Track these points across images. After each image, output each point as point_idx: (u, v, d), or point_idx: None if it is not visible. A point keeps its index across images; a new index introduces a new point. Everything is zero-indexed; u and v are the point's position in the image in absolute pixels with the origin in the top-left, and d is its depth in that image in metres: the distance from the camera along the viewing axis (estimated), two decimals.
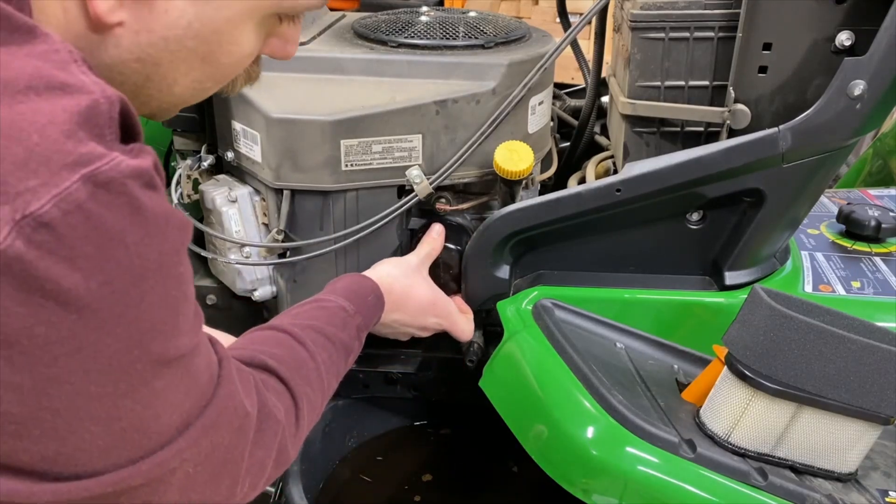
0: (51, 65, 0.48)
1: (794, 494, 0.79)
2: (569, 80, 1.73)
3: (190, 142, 1.22)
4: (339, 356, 0.86)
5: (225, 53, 0.61)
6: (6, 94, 0.45)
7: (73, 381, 0.47)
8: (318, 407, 0.80)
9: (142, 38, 0.57)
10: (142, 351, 0.49)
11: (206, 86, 0.63)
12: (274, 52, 0.67)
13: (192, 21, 0.57)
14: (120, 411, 0.50)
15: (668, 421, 0.85)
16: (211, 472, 0.59)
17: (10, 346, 0.44)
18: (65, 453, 0.48)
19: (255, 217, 1.12)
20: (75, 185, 0.44)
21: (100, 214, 0.45)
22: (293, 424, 0.74)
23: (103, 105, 0.48)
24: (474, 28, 1.15)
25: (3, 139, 0.44)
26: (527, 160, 1.03)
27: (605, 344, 1.01)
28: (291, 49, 0.68)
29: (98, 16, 0.54)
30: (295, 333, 0.81)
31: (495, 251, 1.05)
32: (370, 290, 0.96)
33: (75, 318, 0.46)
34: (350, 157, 1.03)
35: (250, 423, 0.63)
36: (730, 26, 1.01)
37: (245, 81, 0.70)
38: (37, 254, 0.43)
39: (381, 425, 1.33)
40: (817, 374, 0.78)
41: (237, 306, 1.23)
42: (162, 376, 0.52)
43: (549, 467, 0.88)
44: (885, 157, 1.88)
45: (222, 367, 0.61)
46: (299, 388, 0.76)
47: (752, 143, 0.94)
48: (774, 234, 1.05)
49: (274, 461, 0.69)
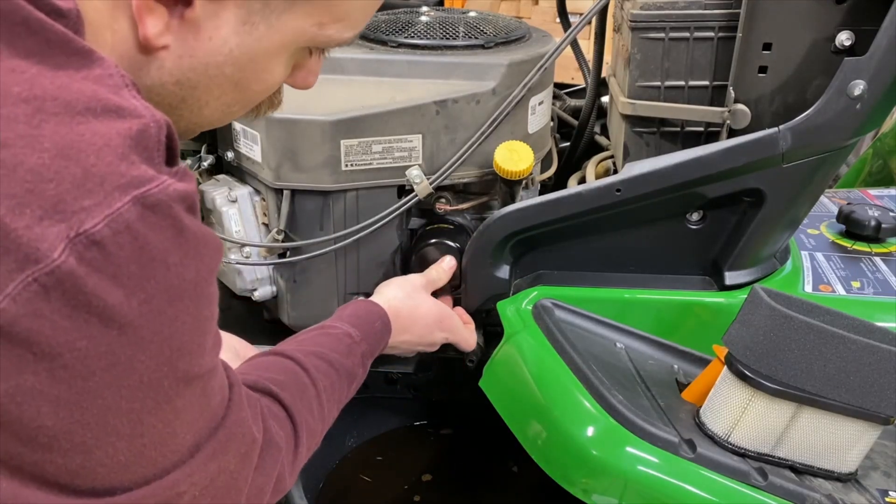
0: (106, 89, 0.49)
1: (794, 494, 0.79)
2: (569, 80, 1.73)
3: (190, 142, 1.22)
4: (342, 383, 0.86)
5: (257, 81, 0.63)
6: (67, 115, 0.47)
7: (105, 396, 0.48)
8: (317, 434, 0.81)
9: (184, 63, 0.59)
10: (170, 368, 0.50)
11: (234, 110, 0.65)
12: (296, 83, 0.69)
13: (233, 49, 0.59)
14: (144, 427, 0.51)
15: (668, 421, 0.85)
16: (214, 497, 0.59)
17: (52, 358, 0.45)
18: (88, 467, 0.49)
19: (255, 217, 1.12)
20: (126, 206, 0.46)
21: (146, 235, 0.47)
22: (292, 452, 0.74)
23: (153, 129, 0.49)
24: (474, 28, 1.15)
25: (63, 159, 0.45)
26: (527, 160, 1.03)
27: (605, 344, 1.01)
28: (313, 80, 0.70)
29: (147, 38, 0.56)
30: (298, 359, 0.82)
31: (495, 251, 1.05)
32: (377, 316, 0.97)
33: (116, 333, 0.47)
34: (350, 157, 1.03)
35: (256, 449, 0.64)
36: (730, 26, 1.01)
37: (268, 108, 0.72)
38: (86, 270, 0.45)
39: (381, 425, 1.33)
40: (817, 374, 0.78)
41: (237, 306, 1.23)
42: (183, 395, 0.53)
43: (549, 467, 0.88)
44: (885, 157, 1.88)
45: (233, 391, 0.61)
46: (300, 415, 0.76)
47: (752, 143, 0.94)
48: (774, 234, 1.05)
49: (273, 489, 0.70)
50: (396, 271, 1.13)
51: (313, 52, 0.67)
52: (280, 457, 0.70)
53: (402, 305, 1.00)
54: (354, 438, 1.31)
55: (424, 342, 1.05)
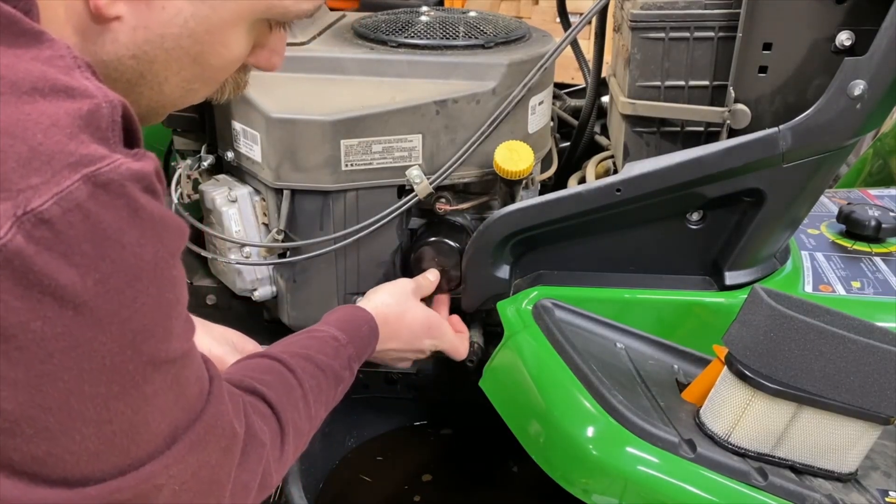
0: (56, 69, 0.49)
1: (794, 494, 0.79)
2: (569, 80, 1.73)
3: (190, 142, 1.22)
4: (329, 384, 0.86)
5: (215, 55, 0.62)
6: (12, 94, 0.46)
7: (66, 379, 0.47)
8: (304, 434, 0.80)
9: (139, 35, 0.58)
10: (134, 351, 0.50)
11: (194, 86, 0.64)
12: (259, 63, 0.69)
13: (188, 19, 0.59)
14: (111, 413, 0.50)
15: (668, 421, 0.85)
16: (196, 492, 0.58)
17: (7, 340, 0.45)
18: (55, 454, 0.48)
19: (255, 217, 1.12)
20: (76, 184, 0.45)
21: (98, 214, 0.46)
22: (278, 449, 0.74)
23: (105, 109, 0.49)
24: (474, 28, 1.15)
25: (8, 138, 0.45)
26: (527, 160, 1.03)
27: (605, 344, 1.01)
28: (277, 61, 0.70)
29: (98, 8, 0.56)
30: (284, 360, 0.82)
31: (495, 251, 1.05)
32: (364, 321, 0.96)
33: (71, 314, 0.46)
34: (350, 157, 1.03)
35: (237, 444, 0.63)
36: (730, 26, 1.01)
37: (233, 90, 0.71)
38: (36, 249, 0.44)
39: (381, 425, 1.33)
40: (817, 374, 0.78)
41: (237, 306, 1.23)
42: (152, 380, 0.52)
43: (549, 467, 0.88)
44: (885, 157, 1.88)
45: (213, 384, 0.61)
46: (286, 413, 0.76)
47: (752, 143, 0.94)
48: (774, 234, 1.05)
49: (258, 485, 0.69)
50: (396, 271, 1.13)
51: (273, 28, 0.66)
52: (264, 453, 0.69)
53: (389, 312, 1.00)
54: (354, 438, 1.31)
55: (412, 349, 1.04)
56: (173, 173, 1.19)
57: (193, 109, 1.18)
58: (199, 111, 1.18)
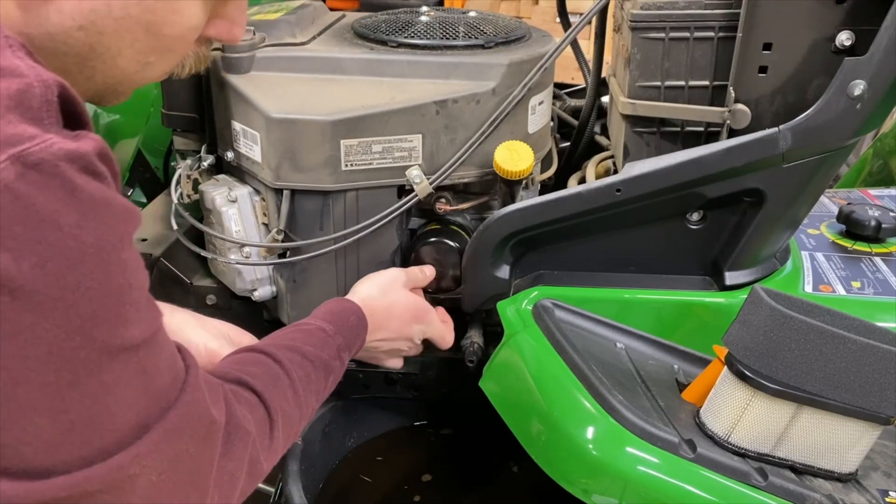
0: None
1: (794, 494, 0.79)
2: (569, 80, 1.73)
3: (190, 142, 1.22)
4: (318, 375, 0.85)
5: (168, 24, 0.60)
6: None
7: (11, 367, 0.46)
8: (294, 423, 0.80)
9: (84, 4, 0.56)
10: (84, 338, 0.48)
11: (151, 59, 0.62)
12: (220, 34, 0.67)
13: None
14: (66, 403, 0.49)
15: (668, 421, 0.85)
16: (177, 482, 0.57)
17: None
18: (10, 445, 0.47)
19: (255, 217, 1.12)
20: (3, 164, 0.44)
21: (29, 195, 0.45)
22: (267, 437, 0.73)
23: (37, 89, 0.47)
24: (474, 28, 1.15)
25: None
26: (527, 160, 1.03)
27: (605, 344, 1.01)
28: (237, 31, 0.67)
29: None
30: (271, 352, 0.81)
31: (495, 251, 1.05)
32: (351, 311, 0.96)
33: (8, 300, 0.45)
34: (350, 157, 1.03)
35: (217, 432, 0.62)
36: (730, 26, 1.01)
37: (195, 64, 0.69)
38: None
39: (381, 425, 1.33)
40: (817, 374, 0.78)
41: (237, 306, 1.23)
42: (111, 369, 0.51)
43: (549, 467, 0.88)
44: (885, 157, 1.88)
45: (189, 373, 0.60)
46: (274, 402, 0.75)
47: (752, 143, 0.94)
48: (774, 234, 1.05)
49: (246, 474, 0.68)
50: None
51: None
52: (249, 441, 0.68)
53: (376, 304, 1.00)
54: (354, 438, 1.31)
55: (402, 335, 1.04)
56: (173, 173, 1.19)
57: (193, 109, 1.18)
58: (199, 111, 1.18)
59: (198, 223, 1.13)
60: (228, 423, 0.65)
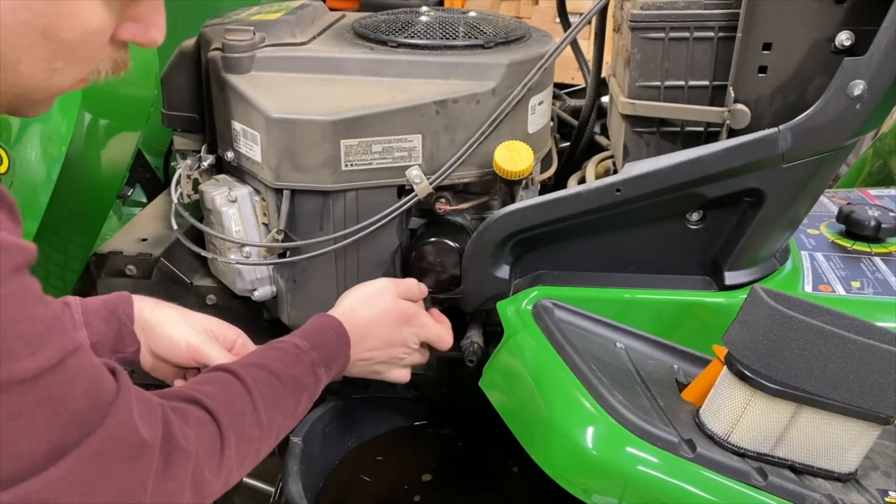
0: None
1: (794, 494, 0.79)
2: (569, 80, 1.73)
3: (190, 142, 1.22)
4: (287, 392, 0.84)
5: (65, 28, 0.57)
6: None
7: None
8: (252, 440, 0.79)
9: None
10: None
11: (57, 66, 0.59)
12: (135, 38, 0.63)
13: None
14: None
15: (668, 421, 0.85)
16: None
17: None
18: None
19: (255, 217, 1.12)
20: None
21: None
22: (216, 454, 0.72)
23: None
24: (474, 28, 1.15)
25: None
26: (527, 160, 1.03)
27: (605, 344, 1.01)
28: (156, 34, 0.63)
29: None
30: (234, 371, 0.81)
31: (495, 251, 1.05)
32: (329, 327, 0.95)
33: None
34: (350, 157, 1.03)
35: (148, 453, 0.61)
36: (730, 26, 1.01)
37: (112, 70, 0.65)
38: None
39: (381, 425, 1.33)
40: (817, 374, 0.78)
41: (237, 306, 1.23)
42: (6, 400, 0.50)
43: (548, 467, 0.88)
44: (885, 157, 1.88)
45: (119, 396, 0.59)
46: (227, 418, 0.74)
47: (752, 143, 0.94)
48: (774, 234, 1.05)
49: (191, 492, 0.67)
50: (396, 271, 1.13)
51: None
52: (191, 461, 0.67)
53: (359, 316, 0.99)
54: (354, 438, 1.31)
55: (394, 343, 1.02)
56: (173, 173, 1.19)
57: (193, 109, 1.18)
58: (199, 111, 1.18)
59: (198, 223, 1.13)
60: (167, 443, 0.64)
